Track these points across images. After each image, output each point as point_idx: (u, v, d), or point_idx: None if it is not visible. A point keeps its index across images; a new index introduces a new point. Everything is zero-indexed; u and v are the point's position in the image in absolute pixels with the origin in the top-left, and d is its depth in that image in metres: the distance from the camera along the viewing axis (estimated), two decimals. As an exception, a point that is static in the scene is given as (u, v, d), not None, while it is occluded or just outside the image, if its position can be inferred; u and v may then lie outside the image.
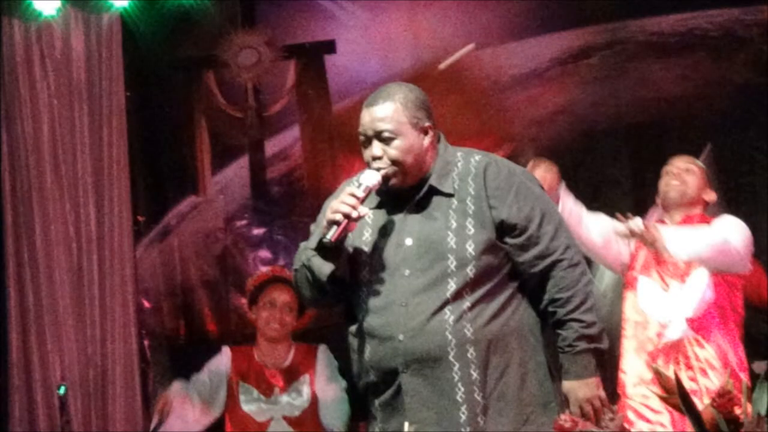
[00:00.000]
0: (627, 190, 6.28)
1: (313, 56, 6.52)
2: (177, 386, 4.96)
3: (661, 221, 5.00)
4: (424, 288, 3.30)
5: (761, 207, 5.91)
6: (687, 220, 4.95)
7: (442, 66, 6.35)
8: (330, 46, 6.49)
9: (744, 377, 4.72)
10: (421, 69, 6.26)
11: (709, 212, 5.01)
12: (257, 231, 6.63)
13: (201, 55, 6.55)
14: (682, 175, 4.99)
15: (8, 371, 5.83)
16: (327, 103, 6.51)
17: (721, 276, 4.86)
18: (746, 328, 4.99)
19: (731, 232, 4.82)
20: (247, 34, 6.41)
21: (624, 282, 5.05)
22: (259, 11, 6.58)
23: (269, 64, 6.41)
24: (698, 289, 4.81)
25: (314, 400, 4.95)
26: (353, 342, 3.44)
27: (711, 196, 5.01)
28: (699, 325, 4.83)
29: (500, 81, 6.43)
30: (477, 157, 3.41)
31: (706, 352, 4.81)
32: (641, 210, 5.16)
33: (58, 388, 5.61)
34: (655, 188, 5.08)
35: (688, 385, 3.83)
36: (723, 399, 2.04)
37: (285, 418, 4.93)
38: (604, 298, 5.13)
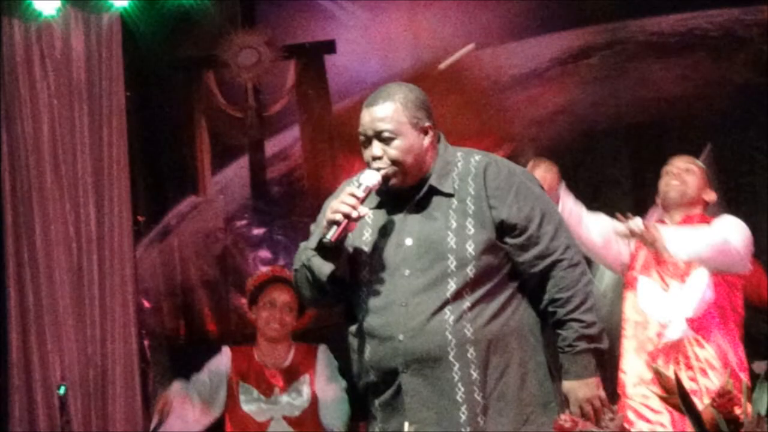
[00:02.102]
0: (627, 190, 6.28)
1: (313, 56, 6.52)
2: (177, 386, 4.97)
3: (661, 221, 5.00)
4: (424, 288, 3.30)
5: (761, 207, 5.91)
6: (687, 220, 4.95)
7: (442, 66, 6.35)
8: (330, 46, 6.49)
9: (744, 377, 4.72)
10: (421, 69, 6.26)
11: (709, 212, 5.01)
12: (257, 231, 6.64)
13: (201, 55, 6.55)
14: (682, 175, 4.99)
15: (8, 371, 5.83)
16: (327, 103, 6.51)
17: (721, 276, 4.86)
18: (746, 328, 4.99)
19: (731, 232, 4.82)
20: (247, 34, 6.41)
21: (624, 282, 5.05)
22: (259, 11, 6.58)
23: (269, 64, 6.41)
24: (698, 289, 4.82)
25: (314, 400, 4.95)
26: (353, 342, 3.44)
27: (711, 196, 5.01)
28: (699, 325, 4.83)
29: (500, 81, 6.43)
30: (477, 157, 3.41)
31: (706, 352, 4.82)
32: (641, 210, 5.16)
33: (58, 388, 5.61)
34: (655, 188, 5.09)
35: (688, 385, 3.82)
36: (723, 399, 2.04)
37: (285, 418, 4.93)
38: (604, 298, 5.13)
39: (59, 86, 5.97)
